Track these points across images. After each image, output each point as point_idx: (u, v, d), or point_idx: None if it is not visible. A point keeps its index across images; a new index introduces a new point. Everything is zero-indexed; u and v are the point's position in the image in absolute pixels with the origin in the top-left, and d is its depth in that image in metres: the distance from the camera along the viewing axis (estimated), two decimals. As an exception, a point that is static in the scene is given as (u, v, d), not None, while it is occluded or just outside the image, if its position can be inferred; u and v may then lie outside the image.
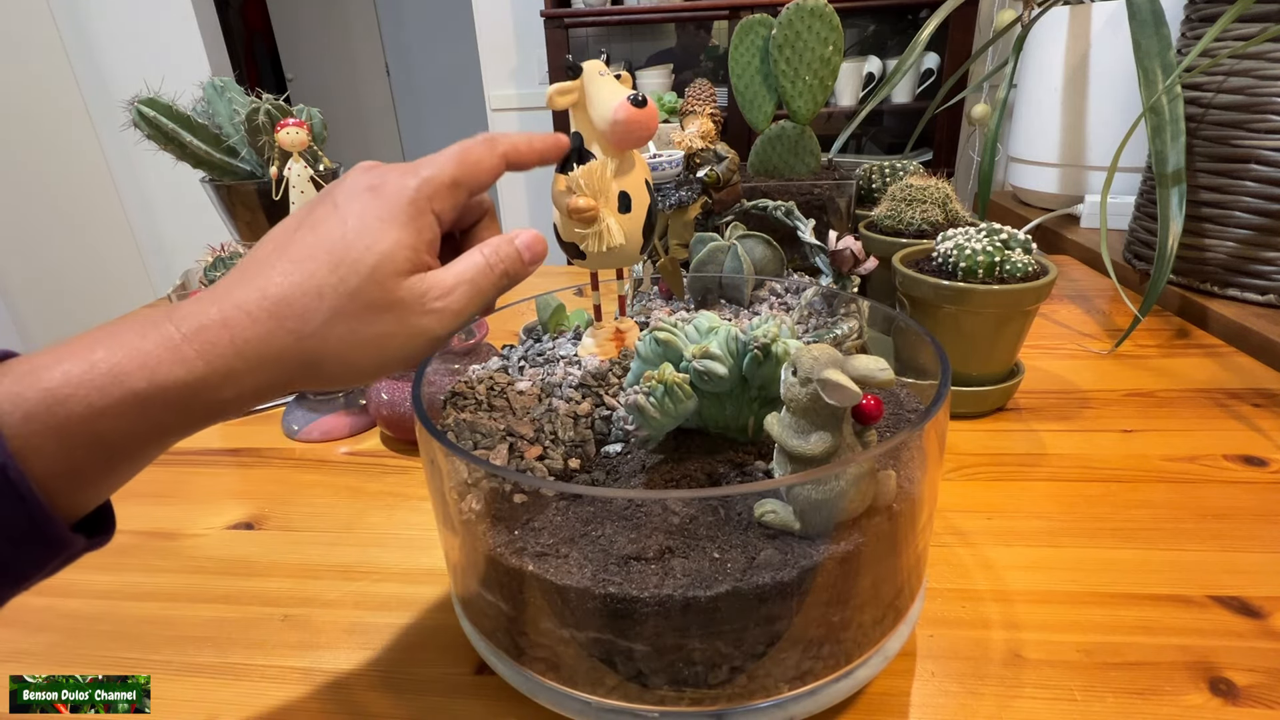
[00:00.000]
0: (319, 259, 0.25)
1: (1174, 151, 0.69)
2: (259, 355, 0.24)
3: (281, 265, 0.25)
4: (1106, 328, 0.77)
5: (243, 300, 0.24)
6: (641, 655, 0.28)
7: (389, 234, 0.26)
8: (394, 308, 0.26)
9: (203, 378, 0.23)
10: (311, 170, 0.68)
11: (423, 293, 0.26)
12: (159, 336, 0.23)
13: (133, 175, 2.30)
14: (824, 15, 0.69)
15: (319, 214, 0.27)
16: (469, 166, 0.29)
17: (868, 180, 0.83)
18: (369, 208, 0.26)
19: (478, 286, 0.28)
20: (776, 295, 0.55)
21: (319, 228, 0.26)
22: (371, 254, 0.25)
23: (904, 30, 2.12)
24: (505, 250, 0.29)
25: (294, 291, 0.25)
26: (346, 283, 0.25)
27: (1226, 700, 0.33)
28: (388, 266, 0.25)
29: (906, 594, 0.33)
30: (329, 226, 0.26)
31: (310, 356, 0.25)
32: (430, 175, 0.27)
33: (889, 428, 0.37)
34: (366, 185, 0.27)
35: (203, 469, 0.57)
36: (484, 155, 0.29)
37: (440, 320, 0.27)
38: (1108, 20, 1.03)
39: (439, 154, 0.29)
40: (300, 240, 0.26)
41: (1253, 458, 0.52)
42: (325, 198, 0.28)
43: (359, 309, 0.25)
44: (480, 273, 0.28)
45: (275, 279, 0.25)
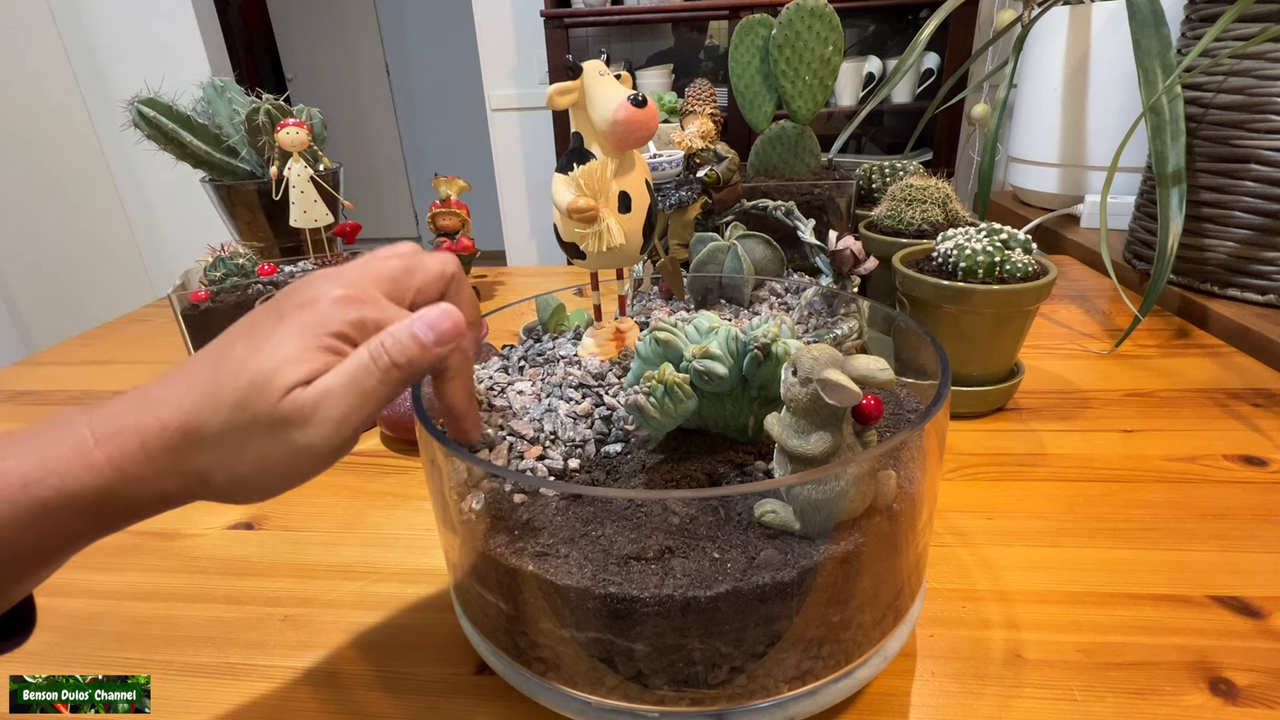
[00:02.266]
0: (228, 372, 0.24)
1: (1174, 151, 0.69)
2: (167, 464, 0.24)
3: (201, 375, 0.25)
4: (1106, 328, 0.77)
5: (159, 407, 0.24)
6: (641, 655, 0.28)
7: (292, 345, 0.24)
8: (276, 425, 0.24)
9: (112, 484, 0.23)
10: (311, 170, 0.68)
11: (302, 404, 0.24)
12: (73, 440, 0.23)
13: (133, 175, 2.30)
14: (824, 15, 0.69)
15: (261, 324, 0.26)
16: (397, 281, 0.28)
17: (868, 180, 0.83)
18: (296, 324, 0.25)
19: (359, 388, 0.25)
20: (776, 295, 0.55)
21: (244, 341, 0.25)
22: (265, 360, 0.24)
23: (904, 30, 2.12)
24: (394, 340, 0.25)
25: (202, 403, 0.24)
26: (237, 393, 0.24)
27: (1226, 700, 0.33)
28: (277, 380, 0.24)
29: (906, 594, 0.33)
30: (249, 341, 0.25)
31: (207, 470, 0.24)
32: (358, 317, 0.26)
33: (889, 428, 0.37)
34: (308, 298, 0.26)
35: (203, 469, 0.57)
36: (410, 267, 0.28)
37: (321, 434, 0.24)
38: (1108, 20, 1.03)
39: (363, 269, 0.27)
40: (226, 351, 0.25)
41: (1253, 458, 0.52)
42: (273, 307, 0.26)
43: (246, 424, 0.24)
44: (360, 371, 0.25)
45: (194, 389, 0.24)
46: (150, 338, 0.88)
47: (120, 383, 0.75)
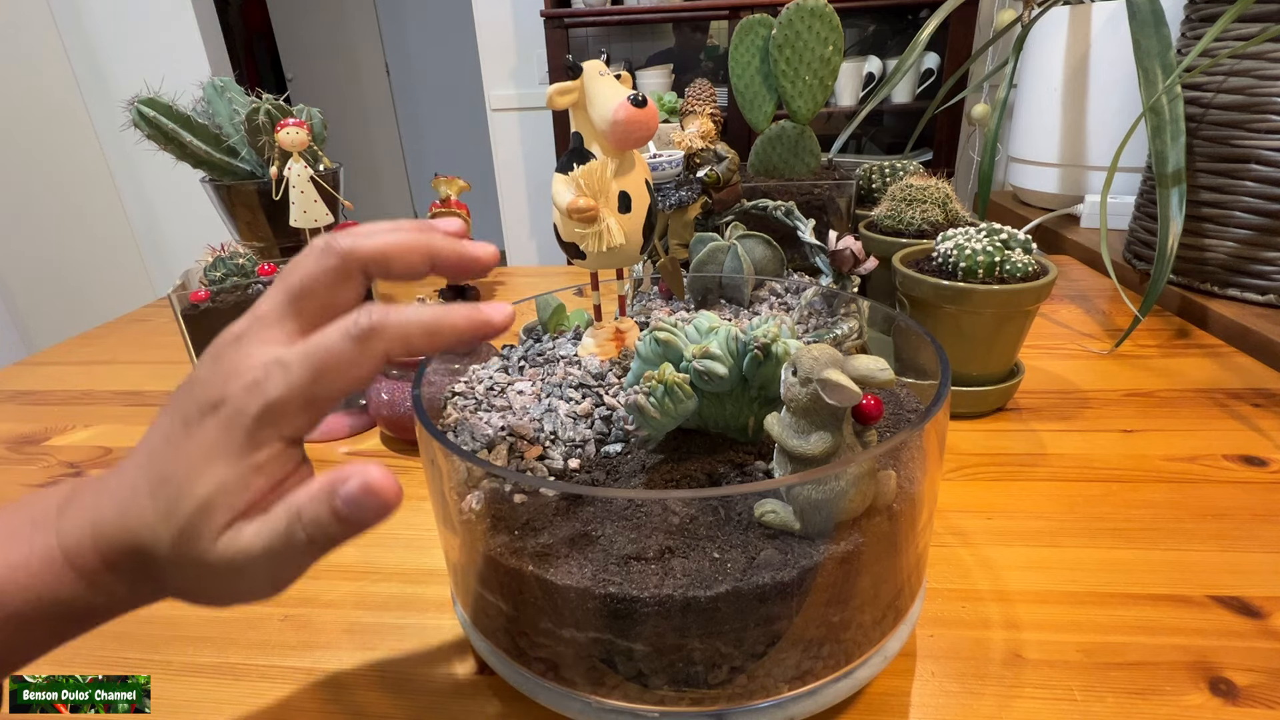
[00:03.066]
0: (162, 499, 0.23)
1: (1174, 151, 0.69)
2: (127, 577, 0.24)
3: (140, 489, 0.23)
4: (1106, 328, 0.77)
5: (106, 525, 0.23)
6: (641, 655, 0.28)
7: (212, 479, 0.22)
8: (214, 570, 0.23)
9: (84, 594, 0.23)
10: (311, 170, 0.68)
11: (228, 556, 0.22)
12: (43, 551, 0.23)
13: (133, 175, 2.30)
14: (824, 15, 0.69)
15: (177, 428, 0.23)
16: (328, 379, 0.23)
17: (868, 180, 0.83)
18: (207, 441, 0.22)
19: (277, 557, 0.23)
20: (776, 295, 0.55)
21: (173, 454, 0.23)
22: (191, 502, 0.22)
23: (904, 30, 2.12)
24: (312, 514, 0.22)
25: (141, 528, 0.23)
26: (171, 534, 0.22)
27: (1226, 700, 0.33)
28: (204, 521, 0.22)
29: (906, 594, 0.33)
30: (179, 457, 0.23)
31: (169, 588, 0.24)
32: (274, 401, 0.22)
33: (889, 428, 0.37)
34: (210, 401, 0.23)
35: (203, 469, 0.57)
36: (352, 357, 0.23)
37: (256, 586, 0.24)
38: (1108, 20, 1.03)
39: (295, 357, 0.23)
40: (158, 463, 0.23)
41: (1253, 458, 0.52)
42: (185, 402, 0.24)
43: (183, 561, 0.23)
44: (278, 540, 0.22)
45: (135, 505, 0.23)
46: (150, 338, 0.88)
47: (120, 383, 0.75)
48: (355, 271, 0.25)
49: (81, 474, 0.58)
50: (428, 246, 0.25)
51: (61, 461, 0.60)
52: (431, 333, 0.24)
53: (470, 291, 0.96)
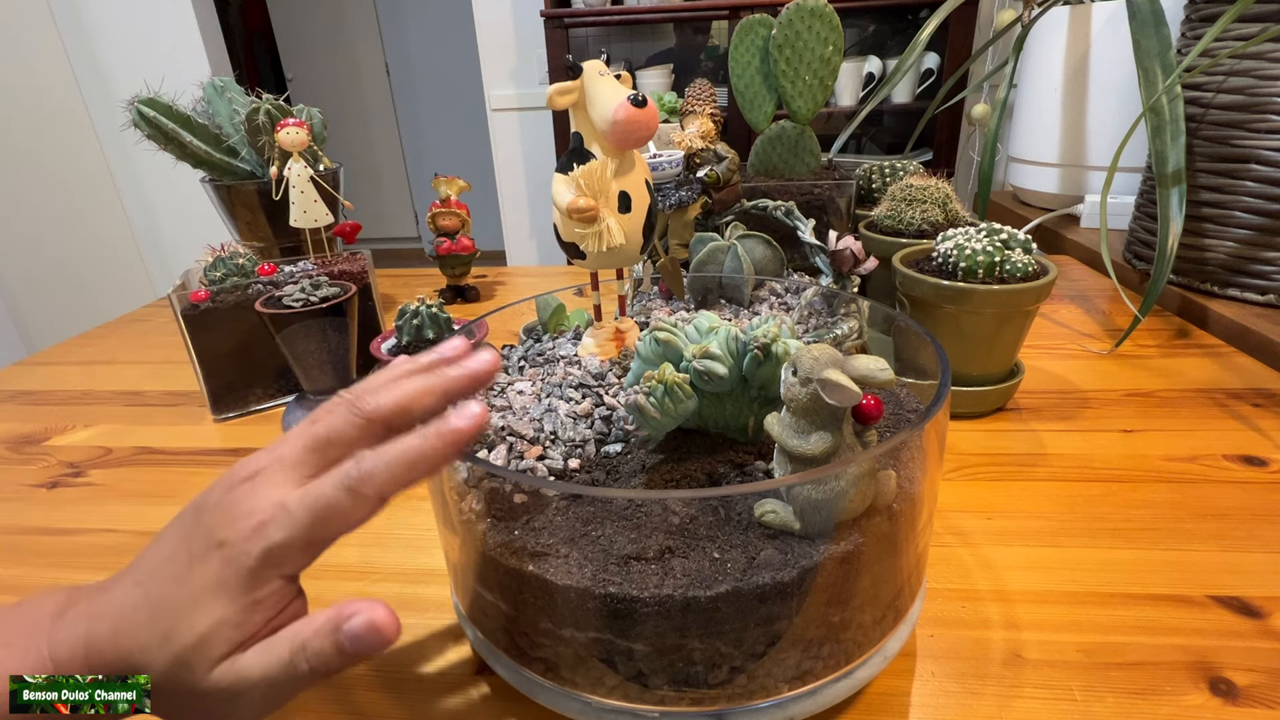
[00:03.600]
0: (160, 625, 0.24)
1: (1174, 151, 0.69)
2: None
3: (138, 610, 0.24)
4: (1106, 328, 0.77)
5: (101, 642, 0.24)
6: (641, 655, 0.28)
7: (212, 614, 0.23)
8: (204, 697, 0.23)
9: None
10: (311, 170, 0.68)
11: (226, 686, 0.23)
12: (35, 662, 0.24)
13: (133, 175, 2.30)
14: (824, 15, 0.69)
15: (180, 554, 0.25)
16: (325, 526, 0.24)
17: (868, 180, 0.83)
18: (209, 575, 0.24)
19: (278, 687, 0.24)
20: (776, 295, 0.55)
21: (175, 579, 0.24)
22: (188, 635, 0.23)
23: (904, 30, 2.12)
24: (316, 647, 0.24)
25: (134, 651, 0.24)
26: (166, 663, 0.23)
27: (1226, 700, 0.33)
28: (200, 653, 0.23)
29: (906, 594, 0.33)
30: (179, 585, 0.24)
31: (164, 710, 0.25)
32: (276, 544, 0.24)
33: (889, 428, 0.37)
34: (217, 539, 0.24)
35: (202, 469, 0.57)
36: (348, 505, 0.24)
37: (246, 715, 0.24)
38: (1108, 20, 1.03)
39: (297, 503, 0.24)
40: (159, 587, 0.24)
41: (1253, 458, 0.52)
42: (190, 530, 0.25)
43: (179, 690, 0.24)
44: (277, 670, 0.24)
45: (131, 626, 0.24)
46: (150, 338, 0.88)
47: (120, 383, 0.75)
48: (379, 428, 0.26)
49: (81, 474, 0.58)
50: (442, 388, 0.27)
51: (61, 461, 0.60)
52: (413, 464, 0.25)
53: (470, 291, 0.96)
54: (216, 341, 0.63)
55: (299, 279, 0.63)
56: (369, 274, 0.71)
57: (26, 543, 0.49)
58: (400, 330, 0.58)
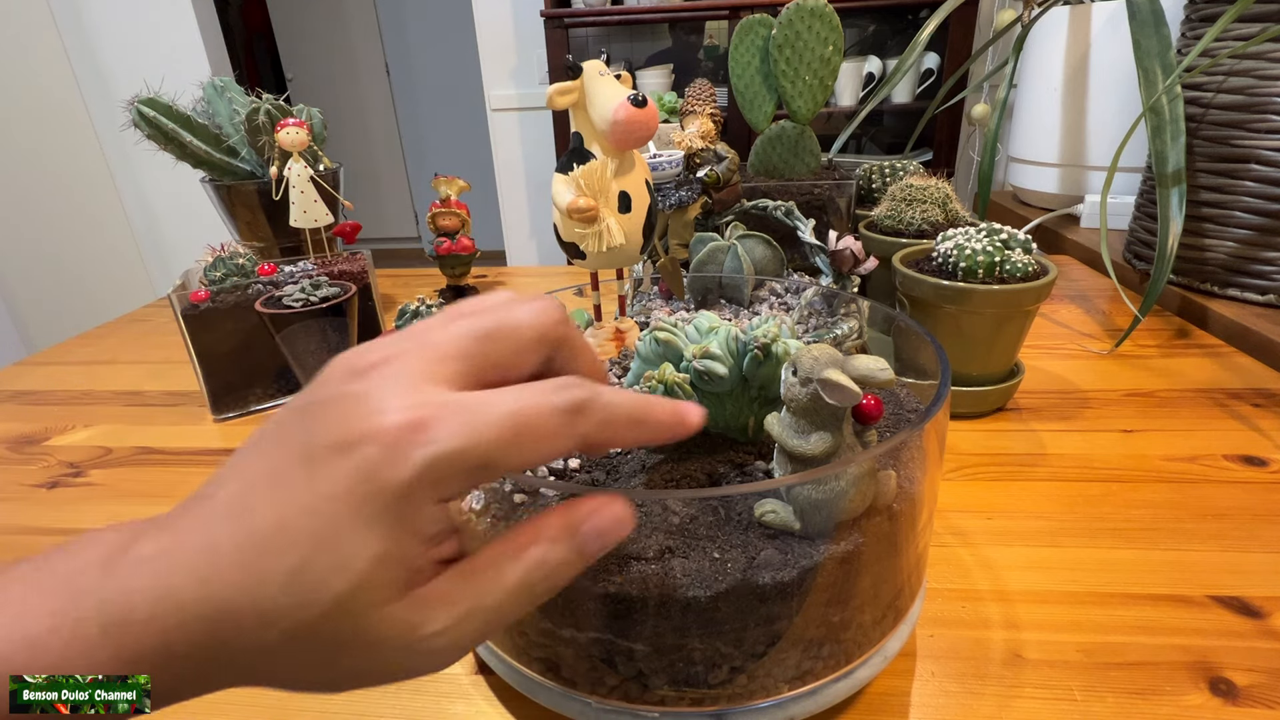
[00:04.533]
0: (272, 565, 0.18)
1: (1174, 151, 0.69)
2: (191, 668, 0.18)
3: (231, 546, 0.18)
4: (1106, 328, 0.77)
5: (179, 593, 0.18)
6: (641, 655, 0.28)
7: (366, 547, 0.18)
8: (365, 645, 0.18)
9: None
10: (311, 170, 0.68)
11: (412, 625, 0.18)
12: (75, 624, 0.17)
13: (133, 175, 2.30)
14: (824, 15, 0.69)
15: (287, 466, 0.18)
16: (518, 448, 0.19)
17: (868, 180, 0.83)
18: (342, 491, 0.18)
19: (501, 614, 0.20)
20: (776, 295, 0.55)
21: (283, 500, 0.18)
22: (340, 579, 0.18)
23: (904, 30, 2.12)
24: (559, 556, 0.20)
25: (239, 602, 0.18)
26: (303, 612, 0.18)
27: (1226, 700, 0.33)
28: (361, 598, 0.18)
29: (906, 594, 0.33)
30: (294, 508, 0.18)
31: (256, 679, 0.20)
32: (445, 453, 0.18)
33: (889, 428, 0.37)
34: (347, 439, 0.18)
35: (202, 469, 0.57)
36: (555, 429, 0.19)
37: (439, 660, 0.19)
38: (1108, 20, 1.03)
39: (482, 406, 0.18)
40: (258, 514, 0.18)
41: (1253, 458, 0.52)
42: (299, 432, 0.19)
43: (319, 643, 0.18)
44: (510, 596, 0.19)
45: (223, 569, 0.18)
46: (150, 338, 0.88)
47: (120, 383, 0.75)
48: (550, 343, 0.21)
49: (81, 474, 0.58)
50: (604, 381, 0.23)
51: (61, 461, 0.60)
52: (637, 421, 0.21)
53: (470, 291, 0.96)
54: (216, 341, 0.63)
55: (299, 279, 0.63)
56: (369, 274, 0.71)
57: (26, 543, 0.49)
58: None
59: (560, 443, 0.19)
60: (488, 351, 0.20)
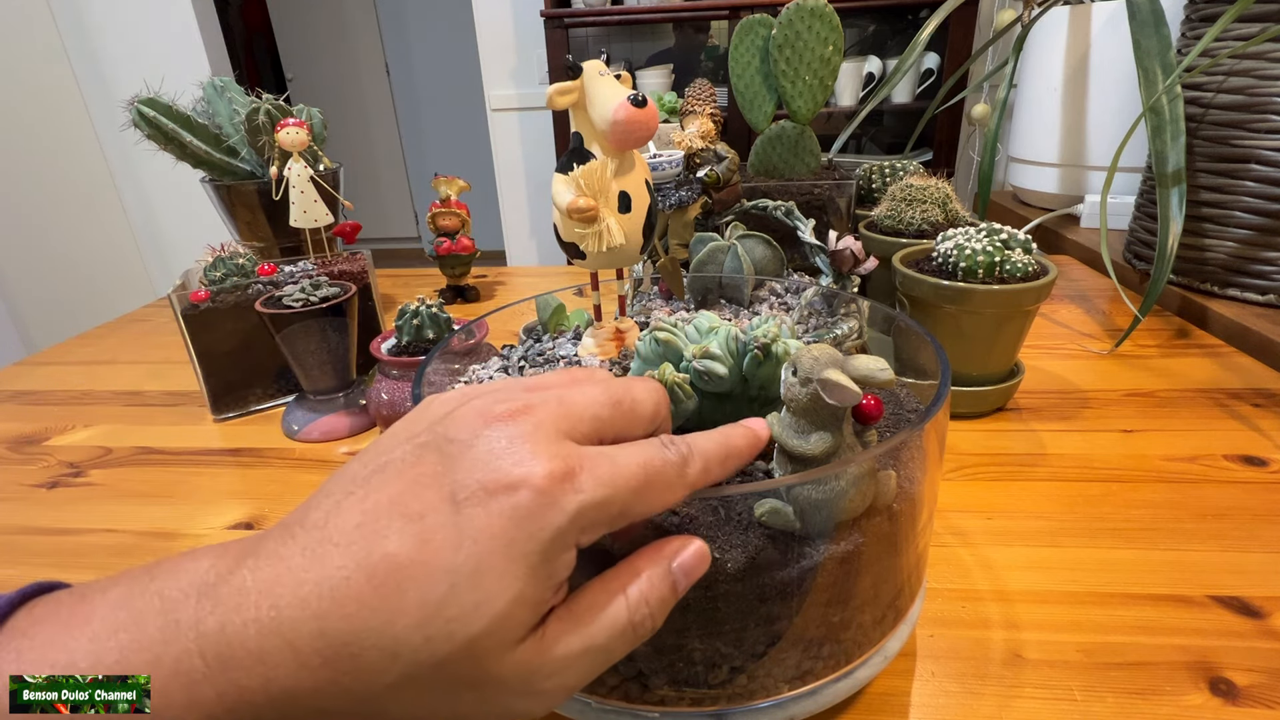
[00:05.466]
0: (407, 600, 0.17)
1: (1174, 151, 0.69)
2: (296, 708, 0.18)
3: (361, 577, 0.17)
4: (1106, 328, 0.77)
5: (292, 627, 0.17)
6: (641, 655, 0.28)
7: (509, 588, 0.18)
8: (486, 685, 0.18)
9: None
10: (311, 170, 0.68)
11: (532, 670, 0.19)
12: (174, 659, 0.17)
13: (133, 175, 2.30)
14: (824, 15, 0.69)
15: (426, 502, 0.18)
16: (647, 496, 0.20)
17: (868, 180, 0.83)
18: (495, 531, 0.18)
19: (609, 655, 0.20)
20: (776, 295, 0.55)
21: (423, 534, 0.18)
22: (478, 617, 0.18)
23: (904, 30, 2.12)
24: (659, 599, 0.21)
25: (363, 637, 0.17)
26: (432, 648, 0.17)
27: (1226, 700, 0.33)
28: (495, 637, 0.18)
29: (907, 594, 0.33)
30: (436, 543, 0.18)
31: (361, 717, 0.19)
32: (594, 501, 0.19)
33: (889, 428, 0.37)
34: (500, 483, 0.18)
35: (203, 469, 0.57)
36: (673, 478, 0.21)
37: (546, 703, 0.20)
38: (1108, 20, 1.03)
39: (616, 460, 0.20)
40: (391, 544, 0.18)
41: (1253, 458, 0.52)
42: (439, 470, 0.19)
43: (440, 682, 0.18)
44: (617, 637, 0.20)
45: (343, 603, 0.17)
46: (150, 338, 0.88)
47: (120, 383, 0.75)
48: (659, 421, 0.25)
49: (81, 474, 0.58)
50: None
51: (61, 461, 0.60)
52: (725, 459, 0.24)
53: (470, 291, 0.96)
54: (216, 341, 0.63)
55: (299, 279, 0.63)
56: (369, 274, 0.71)
57: (26, 543, 0.49)
58: (400, 330, 0.58)
59: (677, 491, 0.21)
60: (614, 418, 0.22)
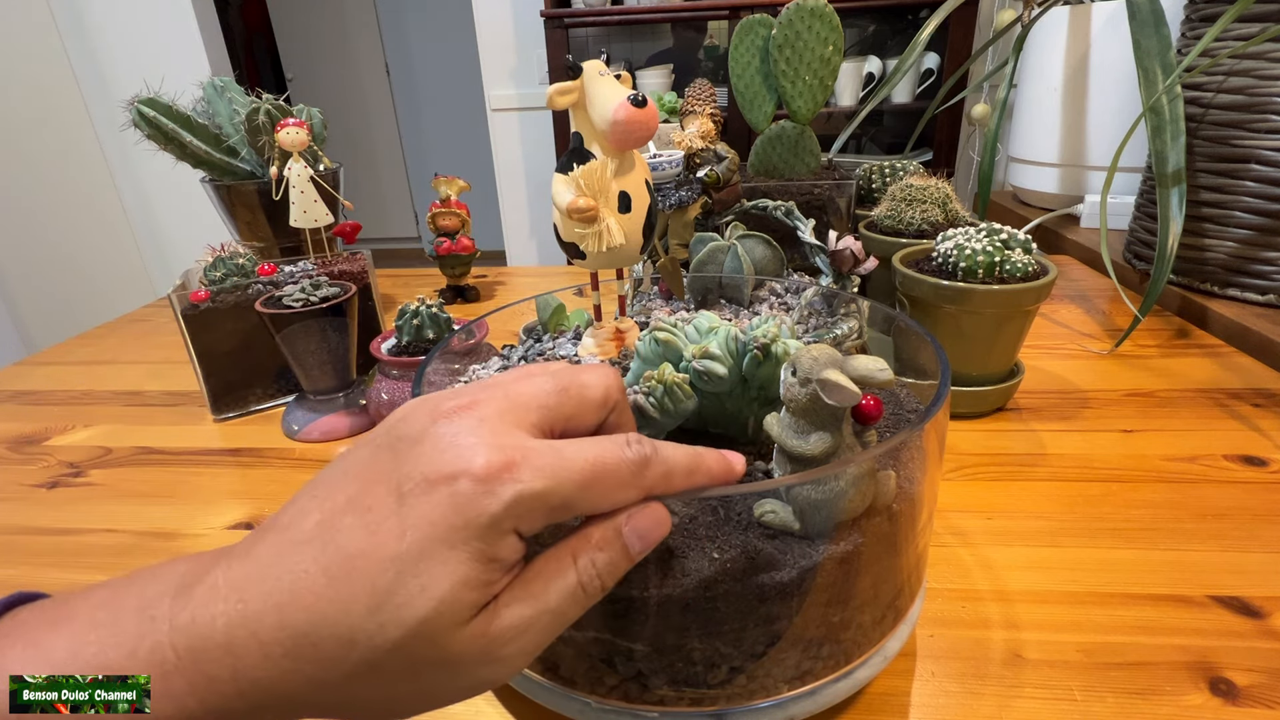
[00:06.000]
0: (357, 588, 0.19)
1: (1174, 151, 0.69)
2: (265, 697, 0.19)
3: (311, 573, 0.19)
4: (1106, 328, 0.77)
5: (256, 619, 0.19)
6: (641, 655, 0.28)
7: (451, 570, 0.19)
8: (445, 664, 0.20)
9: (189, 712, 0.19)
10: (311, 170, 0.68)
11: (488, 640, 0.20)
12: (150, 651, 0.19)
13: (133, 175, 2.30)
14: (824, 15, 0.69)
15: (375, 497, 0.20)
16: (593, 493, 0.21)
17: (868, 180, 0.83)
18: (435, 519, 0.19)
19: (562, 617, 0.21)
20: (776, 295, 0.55)
21: (371, 526, 0.19)
22: (424, 600, 0.19)
23: (904, 30, 2.12)
24: (608, 561, 0.22)
25: (320, 628, 0.19)
26: (385, 633, 0.19)
27: (1226, 700, 0.33)
28: (444, 618, 0.19)
29: (906, 594, 0.33)
30: (382, 533, 0.19)
31: (329, 707, 0.20)
32: (531, 493, 0.20)
33: (889, 428, 0.37)
34: (440, 473, 0.19)
35: (203, 469, 0.57)
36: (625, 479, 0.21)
37: (508, 669, 0.21)
38: (1108, 20, 1.03)
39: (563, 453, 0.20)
40: (343, 538, 0.19)
41: (1253, 458, 0.52)
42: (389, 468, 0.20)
43: (400, 664, 0.19)
44: (567, 600, 0.21)
45: (301, 596, 0.19)
46: (150, 338, 0.88)
47: (120, 383, 0.75)
48: (610, 405, 0.24)
49: (81, 474, 0.58)
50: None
51: (61, 461, 0.60)
52: (691, 471, 0.23)
53: (470, 291, 0.96)
54: (216, 341, 0.63)
55: (299, 279, 0.63)
56: (369, 274, 0.71)
57: (26, 543, 0.49)
58: (400, 330, 0.58)
59: (629, 492, 0.22)
60: (562, 405, 0.23)
